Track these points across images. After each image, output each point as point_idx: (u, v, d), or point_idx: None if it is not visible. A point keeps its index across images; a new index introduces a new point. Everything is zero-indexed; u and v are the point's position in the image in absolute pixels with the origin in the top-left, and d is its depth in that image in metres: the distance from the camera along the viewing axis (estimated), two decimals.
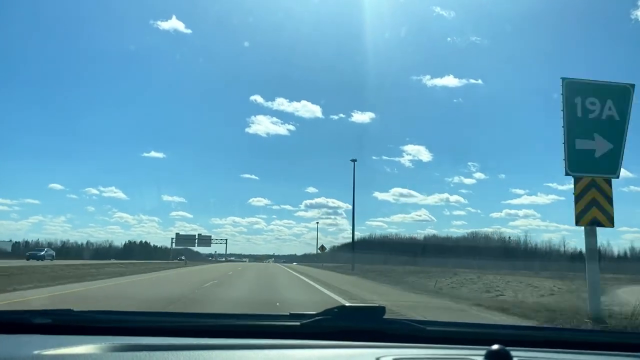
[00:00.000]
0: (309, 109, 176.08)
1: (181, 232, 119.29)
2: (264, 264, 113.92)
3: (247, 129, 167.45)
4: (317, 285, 22.22)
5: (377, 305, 1.90)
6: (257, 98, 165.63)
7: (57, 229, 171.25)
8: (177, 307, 11.39)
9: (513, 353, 1.47)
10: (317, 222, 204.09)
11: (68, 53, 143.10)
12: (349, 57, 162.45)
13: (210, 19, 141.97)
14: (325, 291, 18.64)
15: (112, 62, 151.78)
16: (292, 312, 1.93)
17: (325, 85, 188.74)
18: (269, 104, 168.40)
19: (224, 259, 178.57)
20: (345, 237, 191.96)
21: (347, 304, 1.98)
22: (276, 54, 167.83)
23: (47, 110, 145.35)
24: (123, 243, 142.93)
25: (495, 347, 1.47)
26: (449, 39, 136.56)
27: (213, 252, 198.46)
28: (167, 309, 10.41)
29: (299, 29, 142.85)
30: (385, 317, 1.88)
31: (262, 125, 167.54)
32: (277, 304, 12.93)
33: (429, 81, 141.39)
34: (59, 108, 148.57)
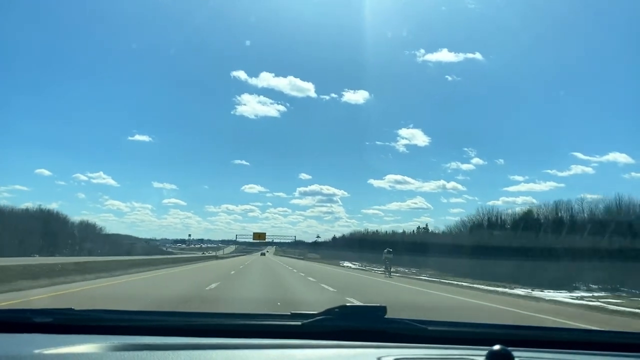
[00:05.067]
0: (296, 86, 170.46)
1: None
2: (262, 259, 79.41)
3: (233, 111, 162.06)
4: None
5: (379, 304, 1.90)
6: (240, 74, 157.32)
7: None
8: None
9: (514, 353, 1.46)
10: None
11: (41, 35, 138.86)
12: (337, 29, 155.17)
13: None
14: None
15: (86, 40, 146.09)
16: (293, 311, 1.93)
17: (314, 62, 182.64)
18: (254, 80, 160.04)
19: (199, 246, 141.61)
20: (341, 225, 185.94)
21: (349, 304, 1.98)
22: (258, 24, 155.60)
23: (24, 91, 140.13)
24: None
25: (496, 347, 1.47)
26: (443, 7, 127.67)
27: (187, 237, 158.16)
28: None
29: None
30: (386, 316, 1.88)
31: (249, 106, 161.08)
32: (278, 303, 12.94)
33: (423, 57, 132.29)
34: (38, 89, 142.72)
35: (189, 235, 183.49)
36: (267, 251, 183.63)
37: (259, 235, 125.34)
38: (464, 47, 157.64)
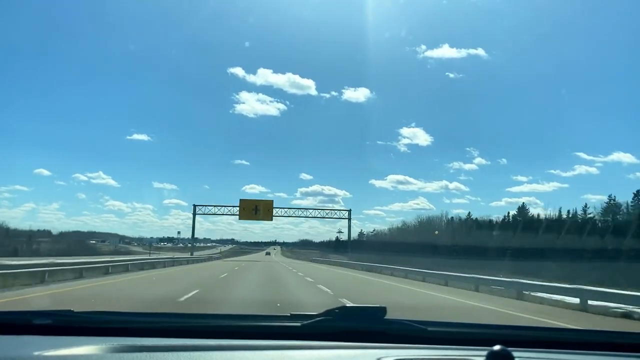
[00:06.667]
0: (296, 83, 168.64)
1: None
2: (263, 263, 52.88)
3: (232, 110, 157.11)
4: None
5: (378, 305, 1.90)
6: (238, 70, 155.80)
7: (51, 217, 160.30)
8: None
9: (514, 354, 1.46)
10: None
11: (40, 35, 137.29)
12: (336, 25, 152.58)
13: None
14: None
15: (84, 40, 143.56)
16: (293, 312, 1.93)
17: (314, 59, 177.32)
18: (252, 77, 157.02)
19: (183, 245, 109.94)
20: (343, 226, 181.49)
21: (348, 305, 1.98)
22: (255, 20, 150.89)
23: (23, 91, 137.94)
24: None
25: (496, 347, 1.46)
26: (444, 1, 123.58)
27: (175, 237, 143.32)
28: None
29: None
30: (386, 317, 1.87)
31: (248, 104, 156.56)
32: (278, 304, 12.93)
33: (424, 53, 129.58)
34: (37, 89, 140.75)
35: (178, 232, 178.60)
36: (274, 249, 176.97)
37: (256, 205, 65.49)
38: (466, 42, 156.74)
